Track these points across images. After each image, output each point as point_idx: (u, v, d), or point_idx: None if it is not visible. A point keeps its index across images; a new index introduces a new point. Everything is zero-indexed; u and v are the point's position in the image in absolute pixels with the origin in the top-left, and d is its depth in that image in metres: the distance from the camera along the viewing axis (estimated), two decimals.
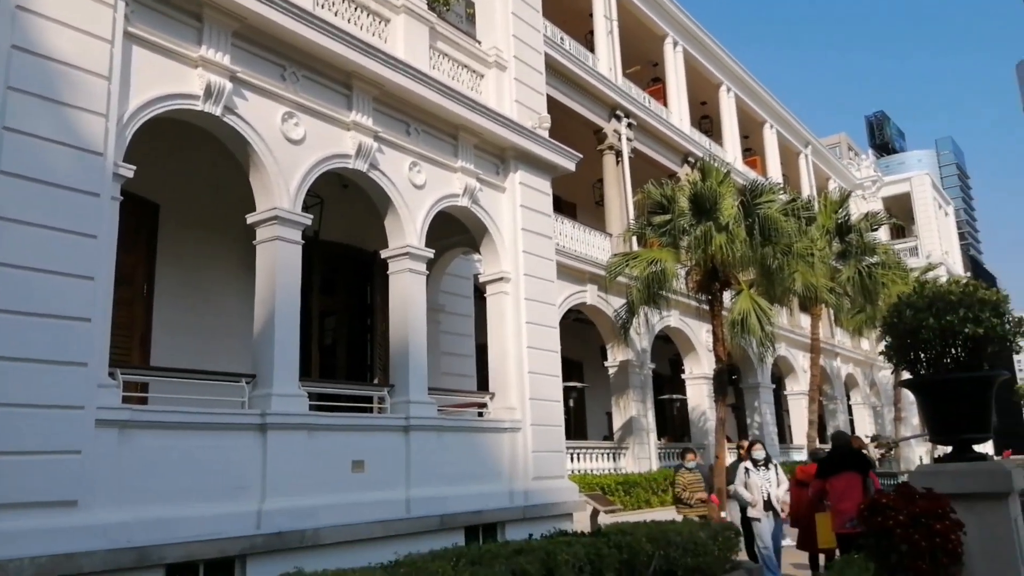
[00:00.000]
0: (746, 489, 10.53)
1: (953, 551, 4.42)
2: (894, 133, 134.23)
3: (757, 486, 10.39)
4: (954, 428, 6.20)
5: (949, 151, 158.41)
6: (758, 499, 10.29)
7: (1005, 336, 6.30)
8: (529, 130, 11.90)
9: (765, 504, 10.24)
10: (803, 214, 19.88)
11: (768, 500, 10.25)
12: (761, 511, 10.27)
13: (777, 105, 31.68)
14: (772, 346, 18.05)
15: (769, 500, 10.25)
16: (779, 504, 10.24)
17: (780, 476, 10.52)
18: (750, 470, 10.52)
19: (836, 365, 31.36)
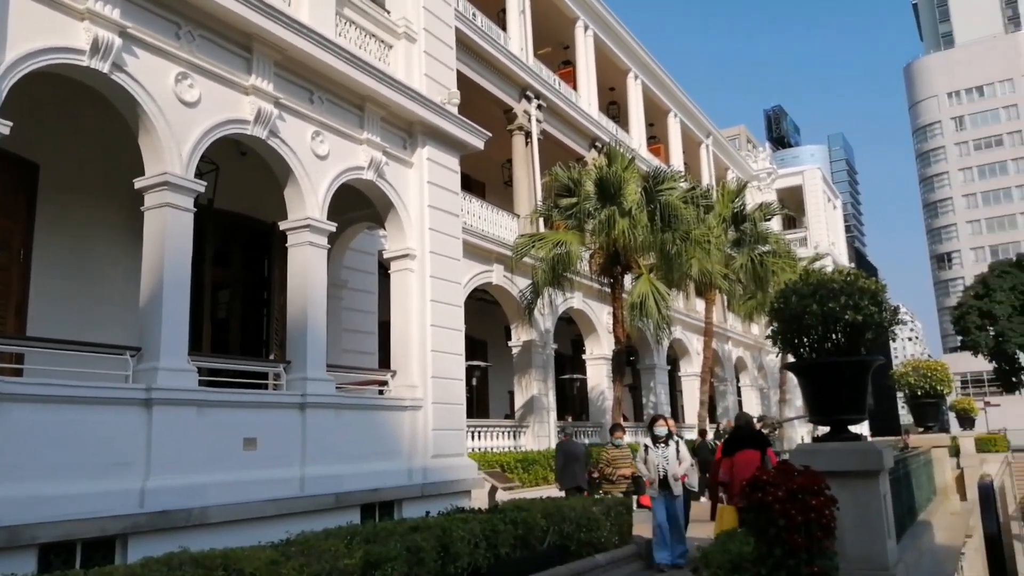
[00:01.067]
0: (644, 466, 10.31)
1: (827, 525, 4.66)
2: (790, 128, 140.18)
3: (654, 464, 10.12)
4: (832, 409, 6.56)
5: (840, 147, 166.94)
6: (654, 476, 10.05)
7: (881, 323, 6.69)
8: (438, 105, 11.75)
9: (661, 482, 9.97)
10: (702, 202, 20.61)
11: (664, 478, 9.96)
12: (656, 489, 10.03)
13: (682, 95, 32.48)
14: (668, 329, 18.65)
15: (665, 478, 9.96)
16: (676, 483, 9.97)
17: (683, 453, 10.23)
18: (649, 447, 10.28)
19: (728, 348, 32.70)
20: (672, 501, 10.02)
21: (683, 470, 10.10)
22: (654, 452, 10.18)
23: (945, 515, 13.05)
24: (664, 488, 9.99)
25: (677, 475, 9.96)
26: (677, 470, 9.99)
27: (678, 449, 10.20)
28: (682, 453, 10.20)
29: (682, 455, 10.17)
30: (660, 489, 10.00)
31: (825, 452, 6.34)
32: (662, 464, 10.01)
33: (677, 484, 9.98)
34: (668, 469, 9.97)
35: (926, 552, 9.28)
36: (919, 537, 9.23)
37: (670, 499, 9.99)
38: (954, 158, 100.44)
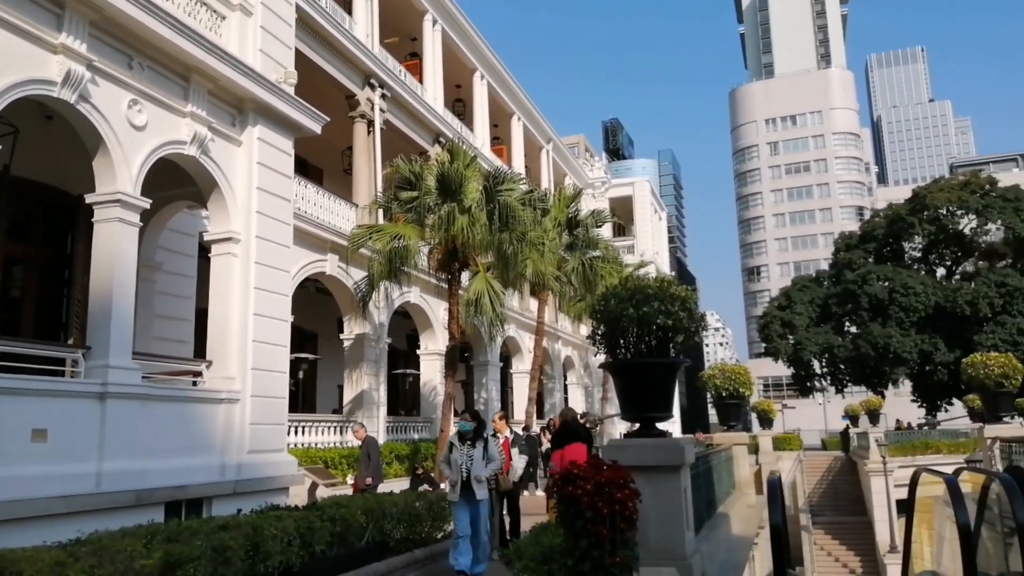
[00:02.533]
0: (447, 466, 9.23)
1: (630, 517, 4.86)
2: (625, 141, 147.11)
3: (457, 464, 8.98)
4: (641, 407, 6.92)
5: (668, 162, 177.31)
6: (455, 478, 8.91)
7: (689, 328, 7.15)
8: (272, 83, 11.25)
9: (463, 484, 8.84)
10: (539, 205, 21.09)
11: (467, 480, 8.83)
12: (457, 492, 8.91)
13: (526, 100, 33.16)
14: (502, 327, 18.95)
15: (469, 480, 8.83)
16: (479, 485, 8.87)
17: (491, 453, 9.15)
18: (454, 445, 9.13)
19: (558, 348, 33.80)
20: (476, 506, 8.92)
21: (490, 471, 9.10)
22: (458, 451, 9.04)
23: (742, 508, 14.20)
24: (467, 491, 8.87)
25: (480, 477, 8.88)
26: (481, 472, 8.91)
27: (486, 448, 9.09)
28: (490, 452, 9.12)
29: (490, 455, 9.10)
30: (462, 491, 8.89)
31: (633, 447, 6.67)
32: (466, 464, 8.90)
33: (481, 487, 8.89)
34: (472, 470, 8.86)
35: (722, 542, 10.03)
36: (717, 528, 9.97)
37: (473, 504, 8.90)
38: (767, 180, 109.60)
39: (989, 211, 46.48)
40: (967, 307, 43.18)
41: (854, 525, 33.59)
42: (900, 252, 50.85)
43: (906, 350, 44.36)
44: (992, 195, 47.36)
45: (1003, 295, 42.89)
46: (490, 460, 9.10)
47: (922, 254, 50.74)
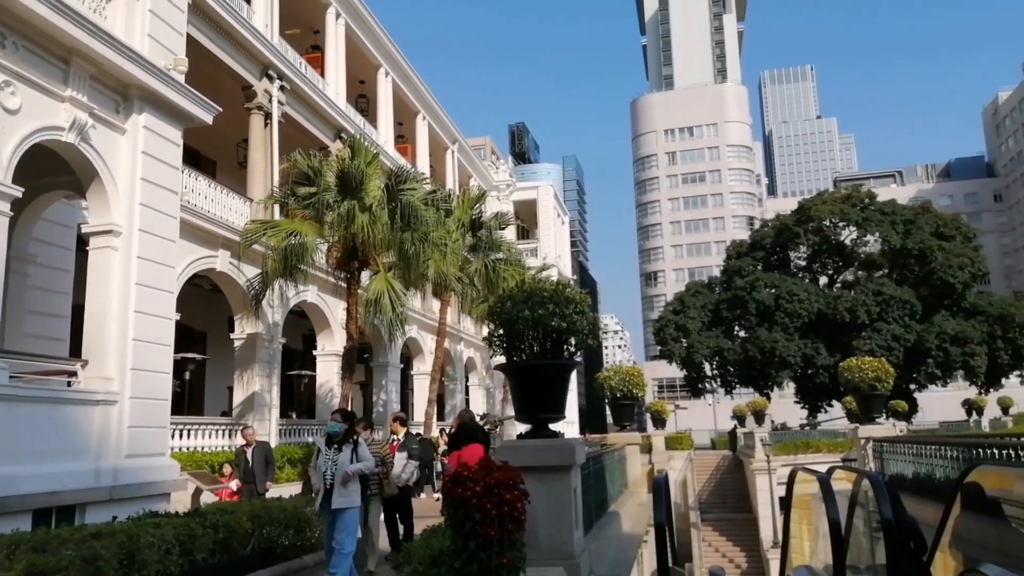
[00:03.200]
0: (314, 471, 8.47)
1: (518, 518, 4.88)
2: (531, 145, 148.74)
3: (320, 470, 8.20)
4: (534, 408, 6.98)
5: (573, 168, 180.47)
6: (318, 485, 8.17)
7: (582, 331, 7.27)
8: (160, 70, 10.74)
9: (326, 492, 8.07)
10: (443, 206, 21.05)
11: (331, 488, 8.05)
12: (319, 500, 8.18)
13: (432, 99, 32.99)
14: (403, 327, 18.76)
15: (332, 489, 8.06)
16: (341, 493, 8.08)
17: (362, 454, 8.32)
18: (321, 450, 8.34)
19: (460, 349, 33.75)
20: (340, 516, 8.05)
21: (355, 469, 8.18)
22: (323, 456, 8.23)
23: (634, 506, 14.56)
24: (328, 500, 8.05)
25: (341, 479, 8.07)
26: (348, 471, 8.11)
27: (355, 452, 8.24)
28: (361, 454, 8.31)
29: (361, 456, 8.30)
30: (324, 500, 8.08)
31: (526, 448, 6.72)
32: (330, 470, 8.07)
33: (343, 496, 8.05)
34: (336, 478, 8.04)
35: (613, 540, 10.24)
36: (608, 526, 10.17)
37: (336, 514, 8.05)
38: (665, 188, 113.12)
39: (868, 224, 49.50)
40: (847, 314, 45.81)
41: (740, 522, 35.04)
42: (786, 261, 53.47)
43: (790, 354, 46.66)
44: (871, 209, 50.47)
45: (879, 303, 45.75)
46: (362, 460, 8.31)
47: (806, 263, 53.50)
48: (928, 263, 46.69)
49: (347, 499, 8.11)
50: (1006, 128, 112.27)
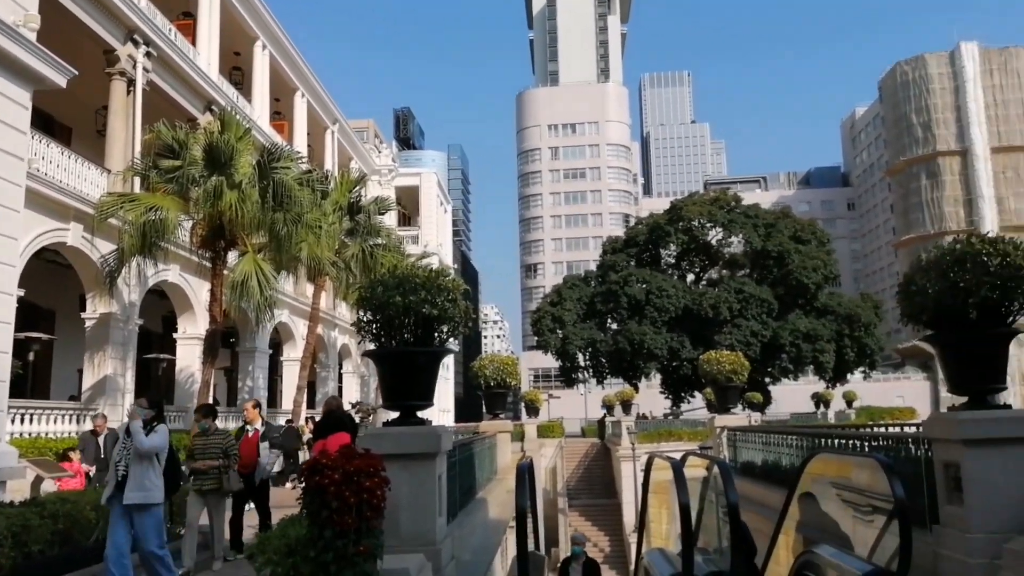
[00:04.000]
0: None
1: (377, 505, 4.83)
2: (416, 131, 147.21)
3: (113, 461, 7.13)
4: (402, 395, 6.93)
5: (458, 157, 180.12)
6: (111, 478, 7.10)
7: (454, 318, 7.27)
8: (8, 26, 9.83)
9: (117, 485, 6.96)
10: (319, 187, 20.49)
11: (123, 480, 6.95)
12: (109, 494, 7.04)
13: (312, 77, 31.99)
14: (271, 311, 18.13)
15: (124, 481, 6.95)
16: (134, 488, 6.95)
17: (155, 439, 7.18)
18: (120, 439, 7.26)
19: (334, 335, 33.03)
20: (138, 515, 6.92)
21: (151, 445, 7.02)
22: (120, 445, 7.17)
23: (502, 493, 14.74)
24: (120, 493, 6.92)
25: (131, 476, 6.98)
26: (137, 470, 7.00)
27: None
28: (156, 441, 7.14)
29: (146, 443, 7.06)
30: (114, 494, 6.97)
31: (391, 436, 6.67)
32: (125, 461, 7.00)
33: (139, 489, 6.93)
34: (131, 457, 7.02)
35: (479, 526, 10.34)
36: (474, 513, 10.25)
37: (133, 512, 6.93)
38: (547, 182, 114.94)
39: (733, 225, 52.23)
40: (710, 310, 48.20)
41: (606, 507, 36.26)
42: (658, 258, 55.61)
43: (658, 346, 48.63)
44: (736, 211, 53.25)
45: (740, 301, 48.41)
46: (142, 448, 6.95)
47: (676, 260, 55.84)
48: (786, 264, 49.79)
49: (144, 493, 6.92)
50: (861, 141, 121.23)
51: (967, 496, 6.08)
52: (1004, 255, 6.13)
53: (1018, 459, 6.07)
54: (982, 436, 6.06)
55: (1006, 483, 6.01)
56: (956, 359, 6.43)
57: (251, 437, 10.00)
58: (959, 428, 6.13)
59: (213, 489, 8.95)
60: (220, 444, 9.05)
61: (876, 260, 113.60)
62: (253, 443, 9.94)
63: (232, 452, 9.16)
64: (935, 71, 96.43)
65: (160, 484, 7.15)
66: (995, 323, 6.21)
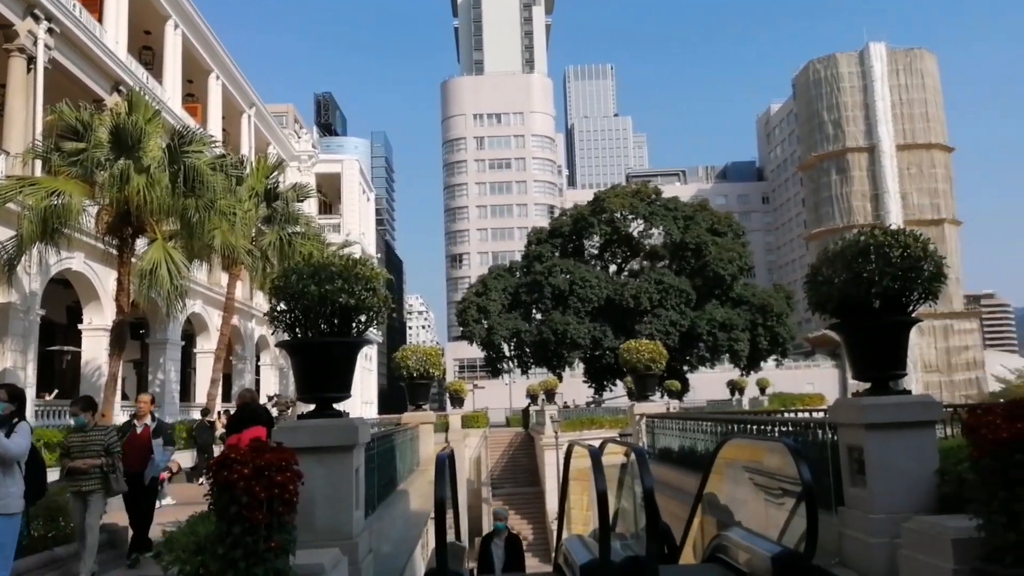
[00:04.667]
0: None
1: (289, 500, 4.70)
2: (338, 117, 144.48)
3: None
4: (317, 387, 6.76)
5: (381, 144, 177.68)
6: None
7: (373, 308, 7.12)
8: None
9: None
10: (234, 172, 19.85)
11: None
12: None
13: (228, 59, 30.94)
14: (182, 301, 17.47)
15: None
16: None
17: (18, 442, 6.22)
18: None
19: (251, 326, 32.14)
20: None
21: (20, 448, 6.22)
22: None
23: (424, 484, 14.65)
24: None
25: None
26: None
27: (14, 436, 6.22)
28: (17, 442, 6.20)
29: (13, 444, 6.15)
30: None
31: (306, 429, 6.50)
32: None
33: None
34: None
35: (399, 518, 10.24)
36: (395, 505, 10.14)
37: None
38: (473, 172, 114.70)
39: (654, 218, 53.29)
40: (632, 300, 49.11)
41: (530, 495, 36.55)
42: (581, 248, 56.27)
43: (581, 336, 49.28)
44: (657, 204, 54.35)
45: (660, 291, 49.49)
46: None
47: (599, 251, 56.65)
48: (703, 256, 51.13)
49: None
50: (775, 137, 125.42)
51: (869, 478, 6.34)
52: (905, 247, 6.39)
53: (917, 442, 6.36)
54: (883, 421, 6.32)
55: (905, 465, 6.28)
56: (859, 347, 6.68)
57: (140, 433, 9.11)
58: (862, 413, 6.37)
59: (93, 490, 8.02)
60: (101, 440, 8.16)
61: (788, 252, 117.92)
62: (143, 439, 9.06)
63: (115, 450, 8.22)
64: (845, 70, 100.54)
65: (17, 491, 6.28)
66: (896, 312, 6.47)
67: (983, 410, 5.26)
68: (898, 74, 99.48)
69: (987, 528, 4.94)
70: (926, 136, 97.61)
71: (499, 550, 9.81)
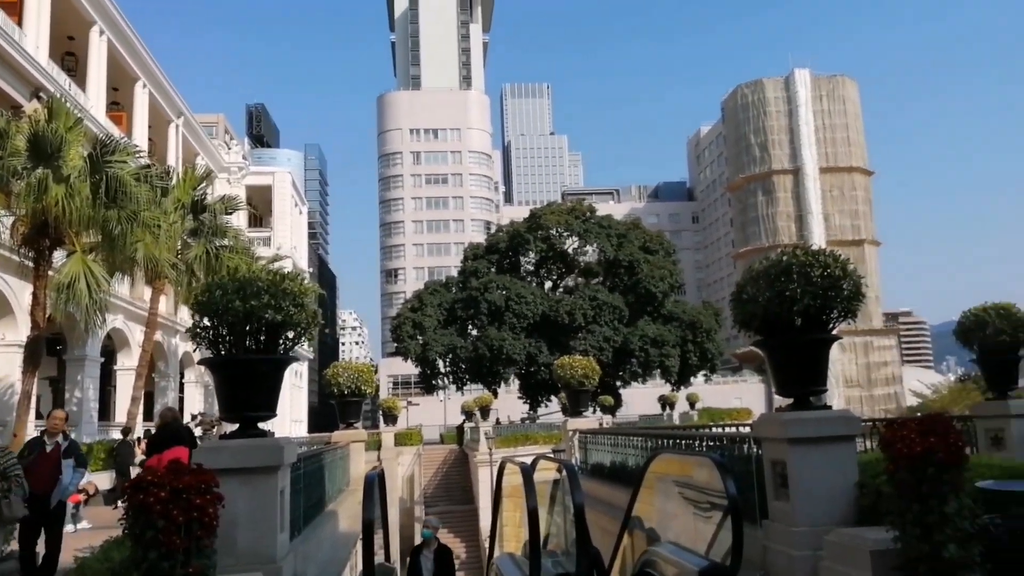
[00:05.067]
0: None
1: (209, 523, 4.54)
2: (271, 128, 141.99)
3: None
4: (241, 406, 6.54)
5: (316, 157, 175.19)
6: None
7: (301, 324, 6.96)
8: None
9: None
10: (159, 183, 19.25)
11: None
12: None
13: (155, 66, 30.08)
14: (102, 316, 16.78)
15: None
16: None
17: None
18: None
19: (175, 342, 31.10)
20: None
21: None
22: None
23: (354, 504, 14.35)
24: None
25: None
26: None
27: None
28: None
29: None
30: None
31: (229, 449, 6.29)
32: None
33: None
34: None
35: (327, 540, 9.99)
36: (322, 526, 9.89)
37: None
38: (409, 187, 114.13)
39: (588, 235, 53.94)
40: (566, 316, 49.49)
41: (463, 513, 36.26)
42: (518, 265, 56.49)
43: (516, 352, 49.36)
44: (591, 222, 55.04)
45: (594, 308, 50.01)
46: None
47: (535, 268, 56.97)
48: (636, 273, 51.97)
49: None
50: (705, 158, 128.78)
51: (792, 492, 6.49)
52: (825, 267, 6.60)
53: (837, 456, 6.55)
54: (805, 435, 6.49)
55: (827, 479, 6.46)
56: (782, 363, 6.86)
57: (50, 452, 8.53)
58: (785, 428, 6.53)
59: None
60: None
61: (717, 270, 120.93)
62: (53, 459, 8.49)
63: (12, 473, 7.51)
64: (772, 95, 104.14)
65: None
66: (817, 329, 6.68)
67: (898, 425, 5.46)
68: (821, 100, 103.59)
69: (902, 540, 5.11)
70: (847, 160, 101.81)
71: (428, 562, 9.48)
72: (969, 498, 5.11)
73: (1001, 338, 9.87)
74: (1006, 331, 9.84)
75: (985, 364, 10.43)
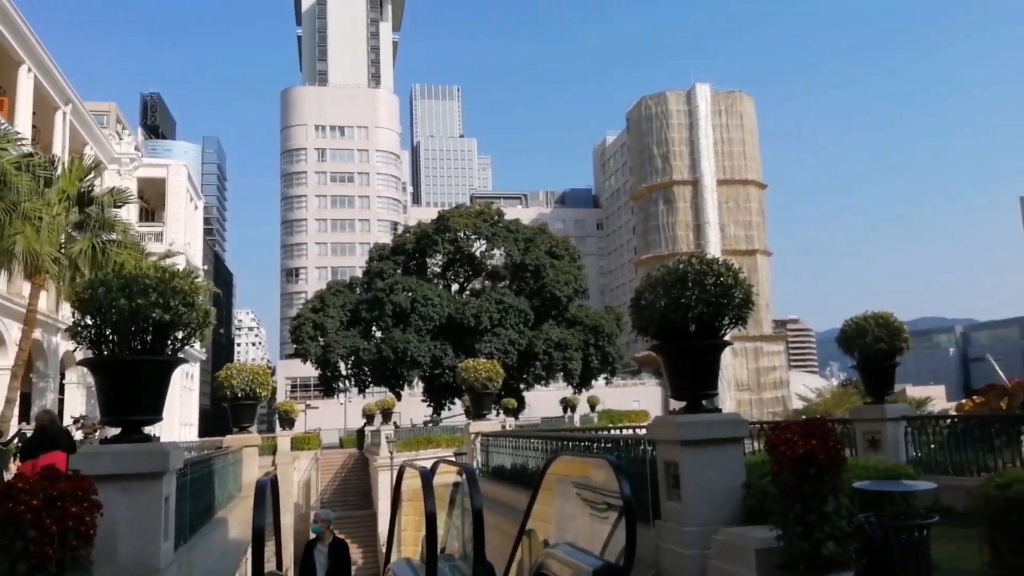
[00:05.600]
0: None
1: (86, 533, 4.30)
2: (167, 119, 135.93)
3: None
4: (123, 409, 6.22)
5: (214, 150, 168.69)
6: None
7: (191, 324, 6.68)
8: None
9: None
10: (42, 173, 18.15)
11: None
12: None
13: (41, 50, 28.27)
14: None
15: None
16: None
17: None
18: None
19: (55, 341, 29.28)
20: None
21: None
22: None
23: (246, 511, 13.88)
24: None
25: None
26: None
27: None
28: None
29: None
30: None
31: (109, 454, 5.99)
32: None
33: None
34: None
35: (215, 548, 9.63)
36: (211, 534, 9.53)
37: None
38: (313, 184, 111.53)
39: (496, 239, 54.17)
40: (473, 319, 49.49)
41: (362, 518, 35.68)
42: (424, 267, 56.10)
43: (421, 354, 48.98)
44: (499, 225, 55.30)
45: (500, 311, 50.23)
46: None
47: (442, 270, 56.72)
48: (541, 277, 52.55)
49: None
50: (610, 167, 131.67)
51: (684, 492, 6.71)
52: (718, 275, 6.87)
53: (726, 458, 6.82)
54: (696, 438, 6.72)
55: (716, 479, 6.71)
56: (676, 367, 7.09)
57: None
58: (677, 430, 6.75)
59: None
60: None
61: (620, 276, 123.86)
62: None
63: None
64: (674, 107, 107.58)
65: None
66: (709, 335, 6.93)
67: (783, 428, 5.72)
68: (720, 114, 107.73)
69: (785, 538, 5.36)
70: (743, 172, 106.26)
71: (322, 556, 9.11)
72: (847, 498, 5.41)
73: (879, 346, 10.51)
74: (884, 339, 10.49)
75: (864, 370, 11.07)
